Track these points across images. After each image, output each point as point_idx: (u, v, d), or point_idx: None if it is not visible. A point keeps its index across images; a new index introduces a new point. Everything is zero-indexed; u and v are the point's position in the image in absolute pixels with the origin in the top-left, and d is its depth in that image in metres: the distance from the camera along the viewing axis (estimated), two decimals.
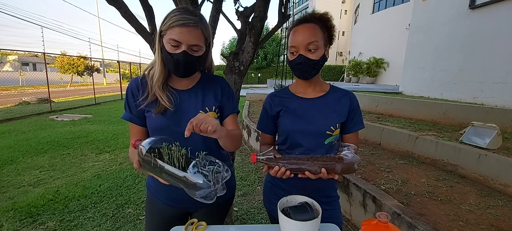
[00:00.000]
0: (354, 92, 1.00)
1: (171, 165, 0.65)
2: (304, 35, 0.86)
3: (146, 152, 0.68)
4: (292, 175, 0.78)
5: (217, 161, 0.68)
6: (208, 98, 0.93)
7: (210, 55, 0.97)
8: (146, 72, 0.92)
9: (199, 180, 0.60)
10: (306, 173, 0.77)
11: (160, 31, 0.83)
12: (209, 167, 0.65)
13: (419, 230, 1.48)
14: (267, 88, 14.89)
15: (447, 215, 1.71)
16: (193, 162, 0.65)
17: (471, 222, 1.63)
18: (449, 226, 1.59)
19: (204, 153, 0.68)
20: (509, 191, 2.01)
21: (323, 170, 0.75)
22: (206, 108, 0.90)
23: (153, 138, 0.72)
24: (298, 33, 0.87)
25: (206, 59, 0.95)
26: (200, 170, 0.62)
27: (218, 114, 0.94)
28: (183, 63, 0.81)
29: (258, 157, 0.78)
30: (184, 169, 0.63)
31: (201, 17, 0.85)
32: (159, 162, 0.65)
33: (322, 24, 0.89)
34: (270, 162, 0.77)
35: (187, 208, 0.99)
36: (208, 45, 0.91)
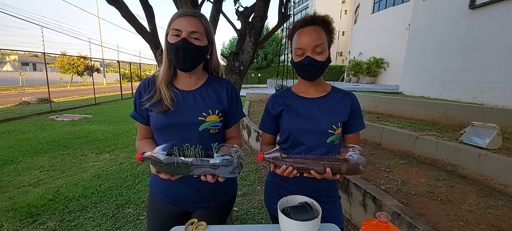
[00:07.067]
0: (354, 93, 1.01)
1: (197, 158, 0.74)
2: (311, 37, 0.87)
3: (165, 156, 0.74)
4: (298, 174, 0.79)
5: (226, 144, 0.80)
6: (211, 100, 0.93)
7: (214, 55, 0.98)
8: (156, 73, 0.95)
9: (226, 159, 0.73)
10: (312, 172, 0.77)
11: (166, 34, 0.87)
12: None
13: (419, 230, 1.48)
14: (267, 88, 14.88)
15: (447, 215, 1.71)
16: (214, 150, 0.76)
17: (471, 222, 1.63)
18: (449, 226, 1.59)
19: (216, 143, 0.78)
20: (509, 191, 2.02)
21: (328, 169, 0.76)
22: (210, 110, 0.90)
23: (162, 146, 0.76)
24: (305, 35, 0.88)
25: (212, 58, 0.97)
26: (221, 154, 0.75)
27: (221, 118, 0.93)
28: (183, 50, 0.84)
29: (265, 156, 0.79)
30: (208, 158, 0.75)
31: (201, 14, 0.90)
32: (186, 159, 0.73)
33: (326, 26, 0.91)
34: (277, 161, 0.79)
35: (186, 207, 0.99)
36: (212, 42, 0.93)
